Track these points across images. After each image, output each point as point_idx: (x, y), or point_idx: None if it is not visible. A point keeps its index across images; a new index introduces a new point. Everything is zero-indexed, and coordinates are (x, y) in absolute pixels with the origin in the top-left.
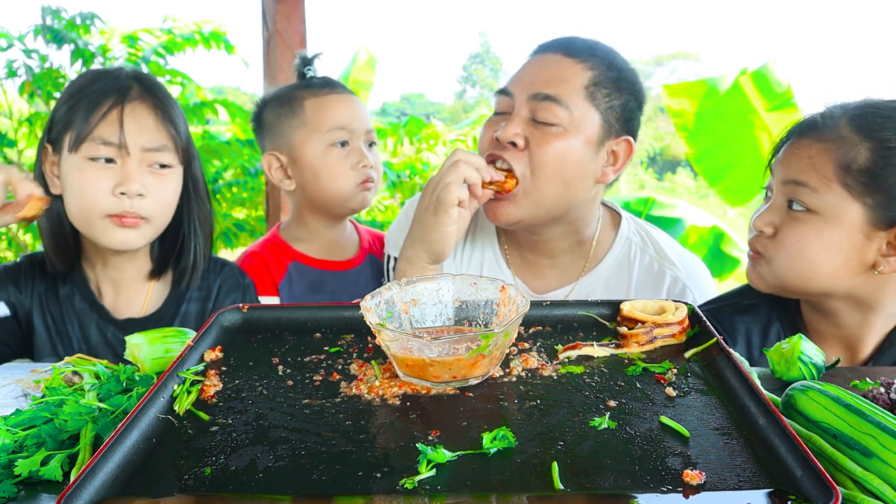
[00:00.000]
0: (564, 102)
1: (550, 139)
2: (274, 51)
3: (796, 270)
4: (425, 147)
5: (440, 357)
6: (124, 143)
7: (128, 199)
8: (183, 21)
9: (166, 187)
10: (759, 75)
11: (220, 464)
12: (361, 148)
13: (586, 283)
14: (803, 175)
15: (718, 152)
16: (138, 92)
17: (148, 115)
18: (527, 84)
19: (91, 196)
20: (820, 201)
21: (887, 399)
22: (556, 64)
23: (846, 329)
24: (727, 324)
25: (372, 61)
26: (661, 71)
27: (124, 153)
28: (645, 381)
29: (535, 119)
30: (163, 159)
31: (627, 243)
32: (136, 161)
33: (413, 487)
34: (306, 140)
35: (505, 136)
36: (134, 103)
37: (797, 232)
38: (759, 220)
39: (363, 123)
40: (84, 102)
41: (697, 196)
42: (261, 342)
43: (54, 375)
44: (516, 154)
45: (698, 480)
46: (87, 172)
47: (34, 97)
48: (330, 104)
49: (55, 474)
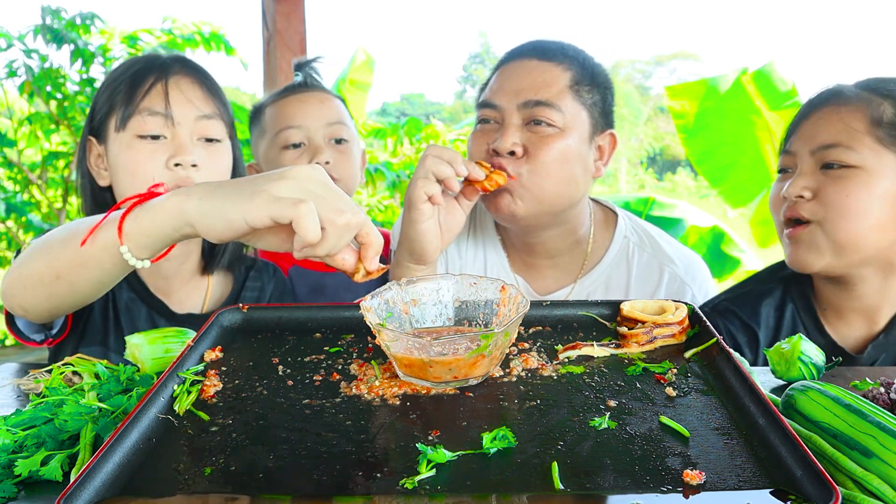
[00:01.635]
0: (556, 105)
1: (549, 141)
2: (274, 51)
3: (851, 225)
4: (425, 147)
5: (440, 357)
6: (171, 114)
7: (182, 171)
8: (183, 22)
9: (219, 161)
10: (762, 75)
11: (220, 464)
12: (320, 144)
13: (587, 282)
14: (837, 137)
15: (720, 153)
16: (180, 67)
17: (194, 87)
18: (513, 93)
19: (144, 172)
20: (858, 156)
21: (887, 399)
22: (537, 69)
23: (865, 299)
24: (750, 310)
25: (370, 62)
26: (661, 71)
27: (172, 125)
28: (645, 381)
29: (532, 123)
30: (213, 130)
31: (625, 242)
32: (186, 132)
33: (413, 487)
34: (265, 147)
35: (504, 146)
36: (178, 76)
37: (844, 187)
38: (792, 188)
39: (322, 118)
40: (126, 84)
41: (697, 196)
42: (261, 342)
43: (54, 375)
44: (517, 162)
45: (698, 480)
46: (137, 150)
47: (34, 97)
48: (284, 106)
49: (55, 474)
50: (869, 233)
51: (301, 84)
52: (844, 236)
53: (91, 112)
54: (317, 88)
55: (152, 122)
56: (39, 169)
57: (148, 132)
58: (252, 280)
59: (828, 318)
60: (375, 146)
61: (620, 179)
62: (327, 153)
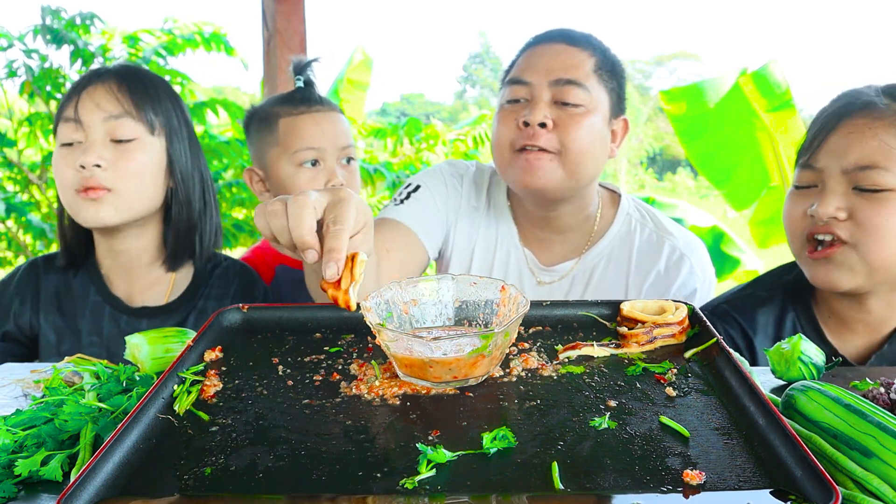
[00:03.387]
0: (584, 85)
1: (578, 118)
2: (274, 51)
3: (887, 249)
4: (425, 147)
5: (440, 357)
6: (79, 118)
7: (87, 172)
8: (183, 22)
9: (132, 159)
10: (758, 76)
11: (220, 464)
12: (333, 167)
13: (590, 256)
14: (873, 157)
15: (721, 155)
16: (109, 75)
17: (107, 91)
18: (544, 71)
19: (61, 176)
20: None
21: (887, 399)
22: (566, 52)
23: (875, 312)
24: (748, 316)
25: (368, 61)
26: (661, 71)
27: (84, 129)
28: (645, 381)
29: (560, 102)
30: (122, 130)
31: (628, 219)
32: (98, 135)
33: (413, 487)
34: (278, 160)
35: (535, 118)
36: (96, 83)
37: (881, 210)
38: (826, 208)
39: (337, 141)
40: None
41: (697, 196)
42: (261, 342)
43: (54, 375)
44: (547, 134)
45: (698, 480)
46: (59, 156)
47: (34, 97)
48: (301, 124)
49: (55, 474)
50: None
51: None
52: (879, 259)
53: None
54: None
55: (67, 129)
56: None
57: (65, 140)
58: (217, 277)
59: (830, 327)
60: (375, 146)
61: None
62: (340, 174)
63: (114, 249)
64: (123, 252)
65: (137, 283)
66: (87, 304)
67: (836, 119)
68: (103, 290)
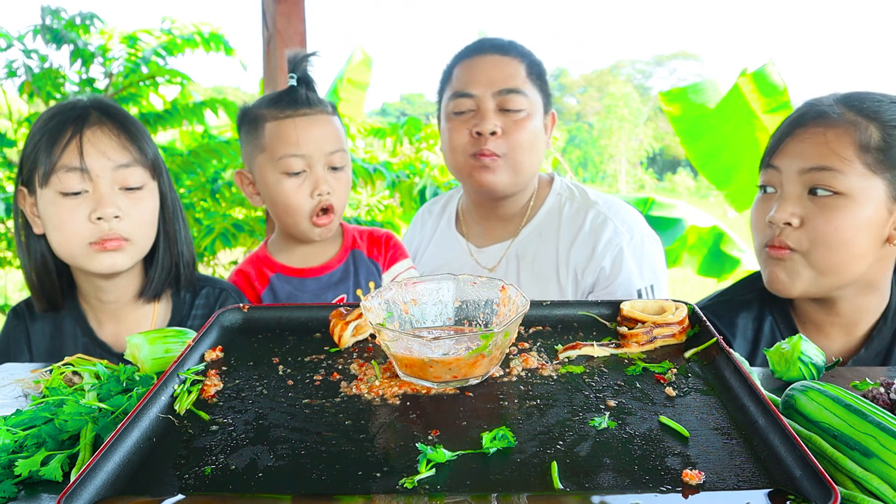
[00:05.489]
0: (523, 91)
1: (522, 122)
2: (274, 51)
3: (835, 256)
4: (424, 147)
5: (440, 357)
6: (87, 168)
7: (105, 224)
8: (182, 22)
9: (143, 207)
10: (757, 77)
11: (220, 463)
12: (320, 174)
13: (523, 235)
14: (825, 160)
15: (721, 156)
16: (97, 117)
17: (109, 137)
18: (486, 83)
19: (69, 228)
20: (847, 182)
21: (887, 399)
22: (501, 62)
23: (844, 315)
24: (726, 320)
25: (367, 61)
26: (661, 71)
27: (91, 179)
28: (645, 381)
29: (504, 109)
30: (132, 178)
31: (558, 198)
32: (106, 184)
33: (413, 487)
34: (263, 165)
35: (486, 128)
36: (93, 128)
37: (831, 216)
38: (780, 214)
39: (323, 147)
40: (45, 138)
41: (697, 196)
42: (261, 342)
43: (54, 375)
44: (496, 140)
45: (698, 480)
46: (60, 205)
47: (34, 97)
48: (286, 130)
49: (55, 474)
50: (850, 261)
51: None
52: (827, 265)
53: (20, 164)
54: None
55: (71, 178)
56: None
57: (69, 189)
58: (201, 298)
59: (807, 331)
60: (375, 146)
61: (620, 180)
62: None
63: (103, 290)
64: (112, 292)
65: (125, 323)
66: (78, 346)
67: (793, 126)
68: (89, 334)
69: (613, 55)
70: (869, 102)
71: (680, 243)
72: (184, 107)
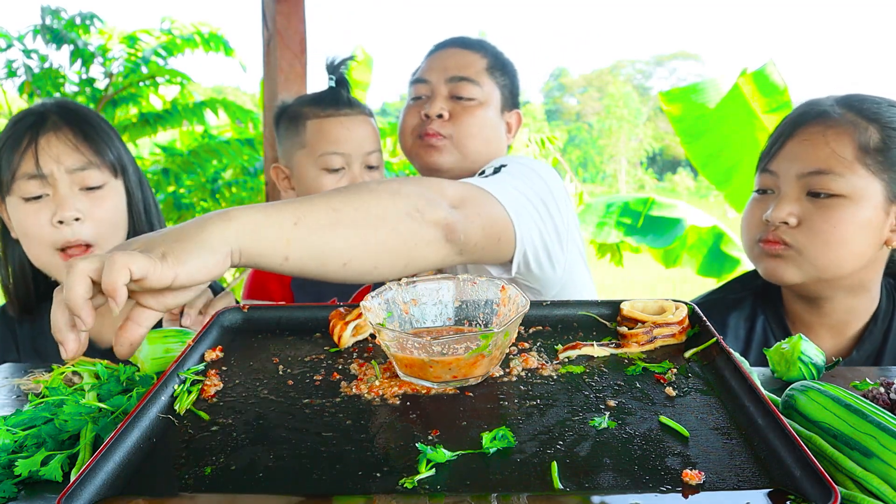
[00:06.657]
0: (476, 81)
1: (471, 109)
2: (274, 51)
3: (833, 254)
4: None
5: (440, 357)
6: (44, 173)
7: (67, 228)
8: (181, 22)
9: (104, 206)
10: (758, 77)
11: (220, 463)
12: (357, 172)
13: None
14: (825, 163)
15: (721, 155)
16: (54, 121)
17: (64, 140)
18: (441, 71)
19: (34, 232)
20: (847, 184)
21: (887, 399)
22: (460, 54)
23: (834, 316)
24: (718, 320)
25: (368, 61)
26: (661, 71)
27: (50, 183)
28: (645, 381)
29: (456, 97)
30: (90, 179)
31: None
32: (65, 186)
33: (413, 487)
34: (303, 161)
35: (434, 110)
36: (48, 134)
37: (830, 217)
38: (778, 213)
39: (362, 146)
40: (7, 145)
41: (697, 196)
42: (261, 342)
43: (54, 375)
44: (444, 123)
45: (697, 480)
46: (24, 211)
47: (34, 97)
48: (328, 127)
49: (55, 474)
50: (847, 259)
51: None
52: (824, 264)
53: None
54: (357, 109)
55: (30, 184)
56: None
57: (29, 194)
58: None
59: (797, 332)
60: None
61: (620, 179)
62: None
63: None
64: None
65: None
66: None
67: (792, 127)
68: None
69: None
70: (868, 104)
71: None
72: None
